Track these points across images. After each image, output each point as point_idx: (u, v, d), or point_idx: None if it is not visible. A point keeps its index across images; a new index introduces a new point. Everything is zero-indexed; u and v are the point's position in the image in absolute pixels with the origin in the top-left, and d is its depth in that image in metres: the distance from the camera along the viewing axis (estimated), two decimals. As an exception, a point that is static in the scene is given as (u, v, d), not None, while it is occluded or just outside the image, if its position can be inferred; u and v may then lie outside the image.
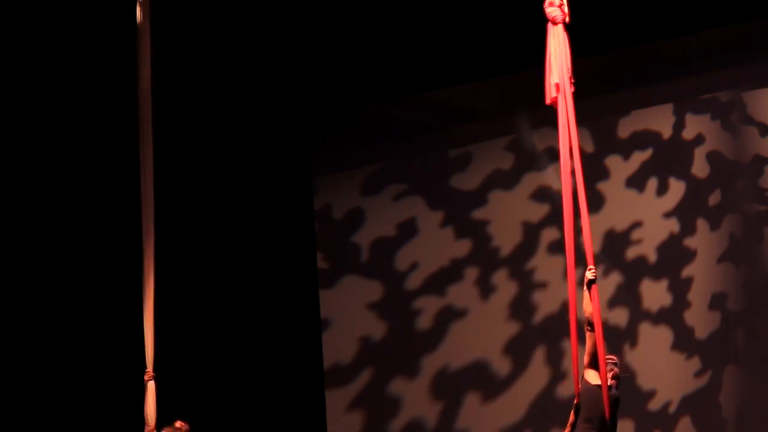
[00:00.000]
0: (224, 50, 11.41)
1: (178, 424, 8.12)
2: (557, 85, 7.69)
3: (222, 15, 11.17)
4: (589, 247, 7.65)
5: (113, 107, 10.67)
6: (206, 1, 10.95)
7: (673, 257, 10.85)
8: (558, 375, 10.92)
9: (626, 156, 11.13)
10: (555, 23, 7.78)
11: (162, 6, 8.75)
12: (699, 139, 10.93)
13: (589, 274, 7.55)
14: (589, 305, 7.52)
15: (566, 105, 7.64)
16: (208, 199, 11.36)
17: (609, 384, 7.44)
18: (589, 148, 11.22)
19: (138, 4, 8.39)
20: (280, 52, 11.55)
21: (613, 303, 10.96)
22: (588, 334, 7.52)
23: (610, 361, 7.69)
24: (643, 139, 11.10)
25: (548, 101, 7.79)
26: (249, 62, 11.56)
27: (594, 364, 7.50)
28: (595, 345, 7.48)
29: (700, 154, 10.91)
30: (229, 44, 11.39)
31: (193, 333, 8.55)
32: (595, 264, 7.66)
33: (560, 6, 7.75)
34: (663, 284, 10.86)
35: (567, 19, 7.76)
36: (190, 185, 9.03)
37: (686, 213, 10.87)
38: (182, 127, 8.79)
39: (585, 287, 7.54)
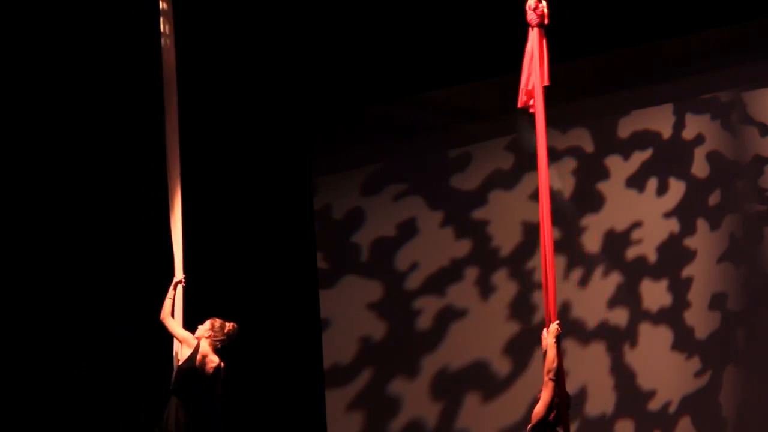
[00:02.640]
0: (225, 50, 11.41)
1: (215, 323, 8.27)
2: (532, 89, 7.76)
3: (223, 15, 11.18)
4: (553, 303, 7.65)
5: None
6: (207, 2, 10.96)
7: (673, 257, 10.85)
8: (558, 375, 10.91)
9: (626, 156, 11.12)
10: (532, 26, 7.83)
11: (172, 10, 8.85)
12: (699, 139, 10.93)
13: (558, 328, 7.51)
14: (554, 359, 7.44)
15: (536, 109, 7.72)
16: (208, 199, 11.36)
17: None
18: (589, 148, 11.23)
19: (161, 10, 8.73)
20: (281, 52, 11.55)
21: (613, 303, 10.97)
22: (551, 385, 7.41)
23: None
24: (643, 139, 11.10)
25: (520, 104, 7.86)
26: (249, 62, 11.56)
27: (543, 426, 7.40)
28: (553, 397, 7.39)
29: (700, 154, 10.91)
30: (230, 44, 11.40)
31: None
32: (595, 264, 7.65)
33: (534, 9, 7.78)
34: (663, 284, 10.86)
35: (546, 21, 7.79)
36: (190, 185, 9.04)
37: (686, 213, 10.87)
38: (182, 127, 8.81)
39: (554, 340, 7.47)
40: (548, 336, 7.51)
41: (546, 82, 7.78)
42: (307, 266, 11.84)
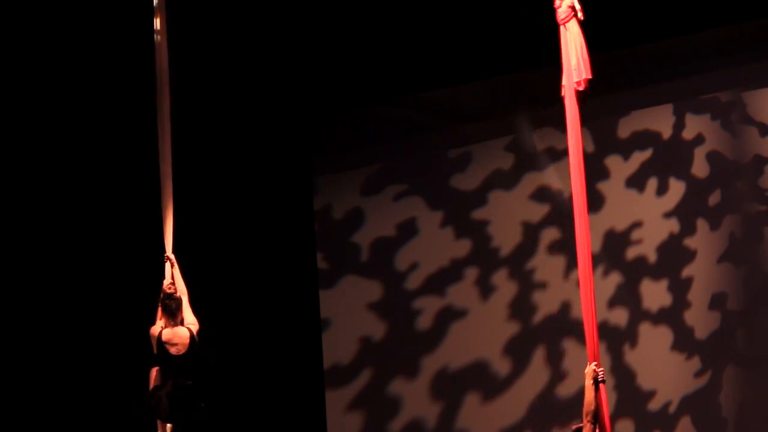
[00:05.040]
0: (225, 50, 11.41)
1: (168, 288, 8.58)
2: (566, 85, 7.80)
3: (224, 15, 11.18)
4: (591, 342, 7.25)
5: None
6: (208, 2, 10.96)
7: (673, 257, 10.85)
8: (558, 375, 10.92)
9: (626, 156, 11.13)
10: (560, 24, 7.86)
11: (165, 7, 8.84)
12: (699, 139, 10.93)
13: (598, 371, 7.24)
14: (592, 402, 7.22)
15: (567, 106, 7.73)
16: (208, 199, 11.36)
17: None
18: (589, 148, 11.22)
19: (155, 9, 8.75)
20: (281, 52, 11.55)
21: (613, 303, 10.97)
22: (589, 427, 7.23)
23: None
24: (643, 139, 11.10)
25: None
26: (250, 62, 11.56)
27: None
28: None
29: (700, 154, 10.91)
30: (231, 44, 11.39)
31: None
32: (595, 264, 7.59)
33: (557, 8, 7.79)
34: (663, 284, 10.86)
35: (569, 19, 7.78)
36: (190, 185, 9.06)
37: (686, 213, 10.87)
38: (181, 126, 8.83)
39: (591, 383, 7.22)
40: (586, 378, 7.18)
41: (588, 75, 7.80)
42: (307, 266, 11.84)
